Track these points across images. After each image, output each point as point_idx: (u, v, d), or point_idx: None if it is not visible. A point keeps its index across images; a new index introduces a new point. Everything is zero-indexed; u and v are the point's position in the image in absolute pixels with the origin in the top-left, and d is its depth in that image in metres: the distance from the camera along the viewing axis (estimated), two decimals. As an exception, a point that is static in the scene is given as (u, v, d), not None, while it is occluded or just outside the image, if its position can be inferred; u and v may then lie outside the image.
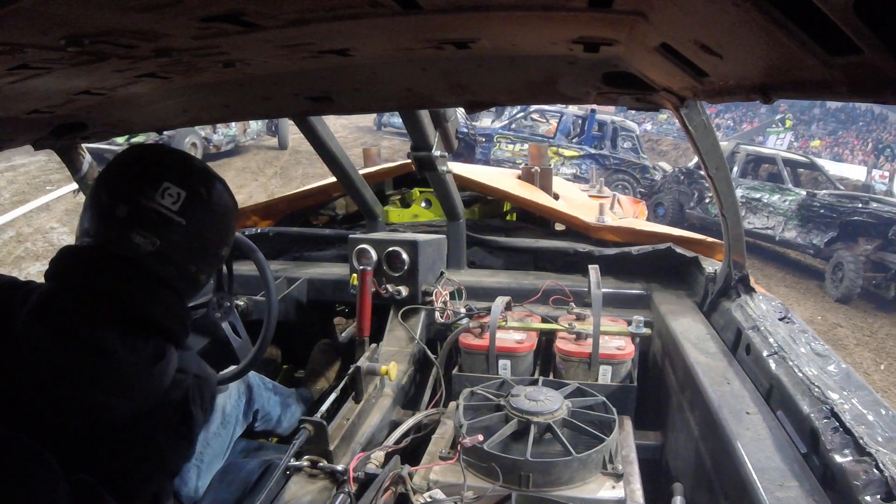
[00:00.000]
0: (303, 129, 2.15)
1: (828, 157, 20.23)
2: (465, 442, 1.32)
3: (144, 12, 0.64)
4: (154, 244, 0.93)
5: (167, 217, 0.93)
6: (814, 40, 0.50)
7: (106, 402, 0.87)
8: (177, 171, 0.96)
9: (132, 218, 0.92)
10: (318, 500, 1.25)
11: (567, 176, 10.28)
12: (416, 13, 0.69)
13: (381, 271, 2.06)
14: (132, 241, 0.92)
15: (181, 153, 1.03)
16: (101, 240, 0.93)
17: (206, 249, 1.01)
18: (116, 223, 0.92)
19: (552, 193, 3.09)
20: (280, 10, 0.68)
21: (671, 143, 19.53)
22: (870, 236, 7.67)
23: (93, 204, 0.95)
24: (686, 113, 1.34)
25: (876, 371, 5.74)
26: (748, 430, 1.25)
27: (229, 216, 1.04)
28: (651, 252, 2.26)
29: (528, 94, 1.23)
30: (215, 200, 1.00)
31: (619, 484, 1.31)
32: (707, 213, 9.30)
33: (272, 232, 2.69)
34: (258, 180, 10.91)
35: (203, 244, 0.99)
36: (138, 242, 0.92)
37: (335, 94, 1.20)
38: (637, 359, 1.84)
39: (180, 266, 0.97)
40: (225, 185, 1.04)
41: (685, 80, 0.80)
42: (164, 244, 0.93)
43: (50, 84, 0.92)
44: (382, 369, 1.59)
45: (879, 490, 0.96)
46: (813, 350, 1.46)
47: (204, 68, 0.94)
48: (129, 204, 0.92)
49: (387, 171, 2.93)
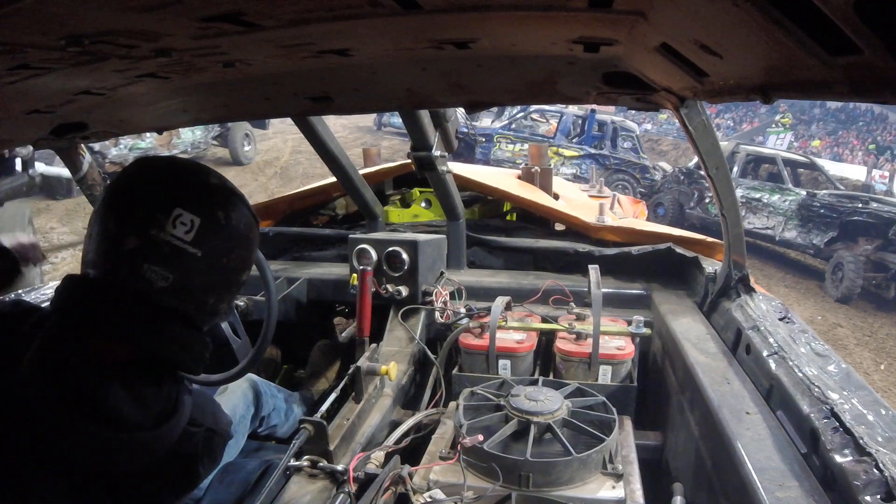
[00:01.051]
0: (303, 129, 2.15)
1: (828, 157, 20.24)
2: (465, 442, 1.32)
3: (144, 12, 0.64)
4: (167, 279, 0.83)
5: (180, 249, 0.83)
6: (814, 40, 0.50)
7: (110, 461, 0.82)
8: (191, 195, 0.86)
9: (142, 251, 0.83)
10: (318, 500, 1.25)
11: (567, 176, 10.29)
12: (416, 13, 0.69)
13: (381, 271, 2.06)
14: (143, 275, 0.83)
15: (196, 170, 0.91)
16: (110, 273, 0.84)
17: (226, 278, 0.91)
18: (126, 256, 0.83)
19: (552, 193, 3.09)
20: (280, 10, 0.68)
21: (671, 143, 19.53)
22: (870, 236, 7.67)
23: (100, 231, 0.86)
24: (686, 113, 1.34)
25: (876, 371, 5.74)
26: (748, 430, 1.25)
27: (251, 239, 0.94)
28: (651, 252, 2.26)
29: (528, 94, 1.23)
30: (234, 224, 0.89)
31: (619, 484, 1.31)
32: (707, 213, 9.30)
33: (272, 232, 2.69)
34: (258, 180, 10.92)
35: (222, 273, 0.90)
36: (150, 277, 0.83)
37: (335, 94, 1.20)
38: (637, 359, 1.84)
39: (197, 298, 0.88)
40: (245, 203, 0.93)
41: (685, 80, 0.80)
42: (179, 278, 0.84)
43: (50, 84, 0.92)
44: (382, 369, 1.59)
45: (879, 490, 0.96)
46: (813, 350, 1.46)
47: (204, 68, 0.94)
48: (139, 236, 0.83)
49: (387, 171, 2.93)
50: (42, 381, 0.78)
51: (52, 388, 0.78)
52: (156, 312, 0.85)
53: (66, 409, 0.78)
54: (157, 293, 0.84)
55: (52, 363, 0.79)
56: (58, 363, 0.79)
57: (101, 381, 0.80)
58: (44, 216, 7.49)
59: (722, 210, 1.70)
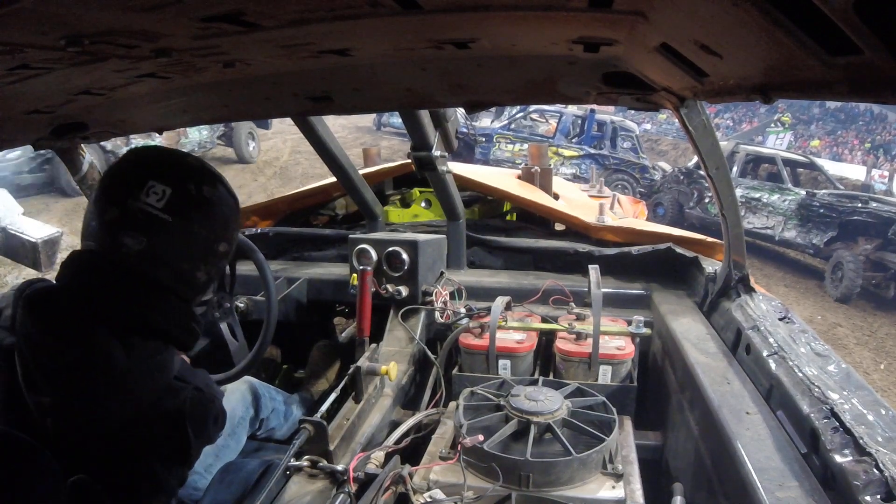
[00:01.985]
0: (303, 129, 2.15)
1: (827, 157, 20.25)
2: (465, 442, 1.32)
3: (144, 12, 0.64)
4: (141, 243, 0.92)
5: (152, 215, 0.92)
6: (814, 40, 0.50)
7: (97, 401, 0.86)
8: (164, 170, 0.96)
9: (121, 220, 0.92)
10: (318, 500, 1.25)
11: (567, 176, 10.29)
12: (416, 13, 0.69)
13: (381, 271, 2.06)
14: (123, 242, 0.92)
15: (175, 153, 1.02)
16: (98, 244, 0.94)
17: (199, 245, 0.99)
18: (109, 227, 0.93)
19: (552, 193, 3.09)
20: (280, 10, 0.68)
21: (671, 142, 19.53)
22: (869, 236, 7.67)
23: (91, 209, 0.96)
24: (686, 113, 1.34)
25: (876, 371, 5.74)
26: (748, 430, 1.25)
27: (226, 212, 1.02)
28: (651, 252, 2.26)
29: (528, 94, 1.23)
30: (206, 196, 0.98)
31: (619, 484, 1.31)
32: (707, 213, 9.31)
33: (272, 232, 2.69)
34: (258, 180, 10.92)
35: (194, 240, 0.97)
36: (127, 243, 0.92)
37: (335, 94, 1.20)
38: (637, 359, 1.84)
39: (173, 265, 0.96)
40: (223, 182, 1.03)
41: (685, 80, 0.80)
42: (152, 242, 0.93)
43: (50, 84, 0.92)
44: (382, 369, 1.59)
45: (879, 490, 0.96)
46: (813, 350, 1.46)
47: (204, 68, 0.94)
48: (119, 206, 0.93)
49: (387, 171, 2.93)
50: (30, 321, 0.86)
51: (40, 325, 0.86)
52: (138, 279, 0.93)
53: (53, 343, 0.85)
54: (135, 258, 0.93)
55: (41, 306, 0.88)
56: (46, 307, 0.88)
57: (86, 325, 0.88)
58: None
59: (722, 210, 1.70)
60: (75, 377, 0.85)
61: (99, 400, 0.87)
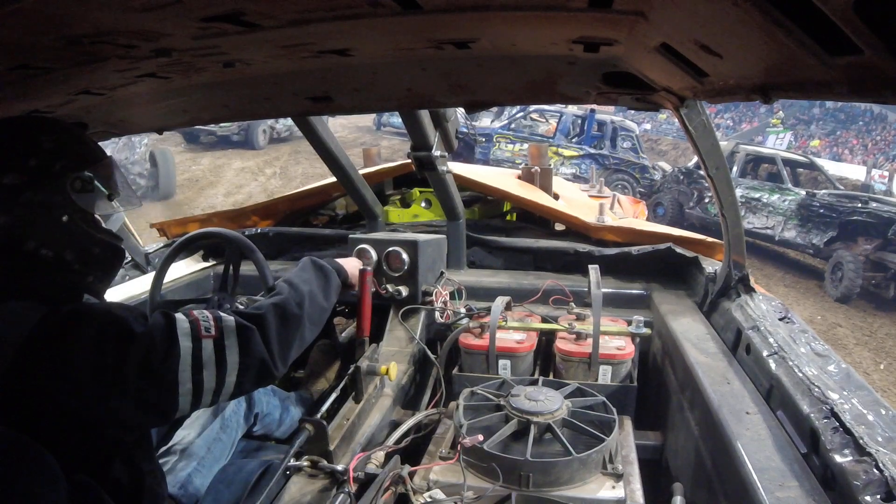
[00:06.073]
0: (303, 129, 2.15)
1: (827, 157, 20.25)
2: (465, 442, 1.32)
3: (144, 12, 0.64)
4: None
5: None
6: (814, 40, 0.50)
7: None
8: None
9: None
10: (318, 500, 1.25)
11: (567, 176, 10.29)
12: (416, 13, 0.69)
13: (381, 271, 2.06)
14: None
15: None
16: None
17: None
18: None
19: (552, 193, 3.09)
20: (280, 10, 0.68)
21: (670, 142, 19.53)
22: (869, 236, 7.67)
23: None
24: (686, 113, 1.34)
25: (876, 371, 5.74)
26: (748, 430, 1.25)
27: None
28: (651, 252, 2.26)
29: (528, 94, 1.23)
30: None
31: (619, 484, 1.31)
32: (707, 213, 9.31)
33: (272, 232, 2.69)
34: (258, 180, 10.92)
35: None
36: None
37: (335, 94, 1.20)
38: (637, 359, 1.84)
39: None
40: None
41: (685, 80, 0.80)
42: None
43: (50, 84, 0.92)
44: (382, 369, 1.59)
45: (879, 490, 0.96)
46: (813, 350, 1.46)
47: (204, 68, 0.94)
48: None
49: (387, 171, 2.93)
50: None
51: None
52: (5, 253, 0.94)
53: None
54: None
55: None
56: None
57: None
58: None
59: (722, 210, 1.70)
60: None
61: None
